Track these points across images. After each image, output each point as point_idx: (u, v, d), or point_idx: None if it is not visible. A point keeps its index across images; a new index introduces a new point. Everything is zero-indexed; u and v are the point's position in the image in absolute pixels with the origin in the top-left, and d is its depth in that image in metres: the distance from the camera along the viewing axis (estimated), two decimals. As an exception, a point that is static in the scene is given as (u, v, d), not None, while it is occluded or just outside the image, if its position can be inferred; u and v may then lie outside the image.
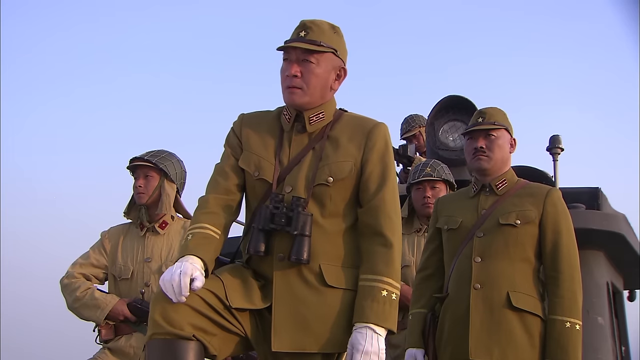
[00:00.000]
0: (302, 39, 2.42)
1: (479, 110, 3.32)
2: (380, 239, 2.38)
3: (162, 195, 3.82)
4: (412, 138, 5.94)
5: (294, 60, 2.41)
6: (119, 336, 3.78)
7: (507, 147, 3.26)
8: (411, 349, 3.23)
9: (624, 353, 5.30)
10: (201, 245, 2.33)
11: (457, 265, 3.18)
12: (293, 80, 2.41)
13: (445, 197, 3.52)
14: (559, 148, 5.23)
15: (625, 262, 5.36)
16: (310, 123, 2.46)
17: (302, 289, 2.36)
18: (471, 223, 3.20)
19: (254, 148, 2.48)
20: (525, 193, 3.21)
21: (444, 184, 4.27)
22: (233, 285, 2.35)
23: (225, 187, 2.46)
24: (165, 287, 2.22)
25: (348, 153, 2.43)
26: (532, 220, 3.13)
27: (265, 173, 2.44)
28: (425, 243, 3.42)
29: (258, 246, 2.37)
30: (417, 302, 3.32)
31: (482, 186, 3.27)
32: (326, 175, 2.40)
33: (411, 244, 4.25)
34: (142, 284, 3.76)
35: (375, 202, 2.40)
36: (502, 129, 3.24)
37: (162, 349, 2.24)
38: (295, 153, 2.45)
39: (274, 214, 2.35)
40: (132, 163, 3.85)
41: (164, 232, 3.84)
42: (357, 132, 2.46)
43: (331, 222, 2.41)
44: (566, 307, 3.06)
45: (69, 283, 3.75)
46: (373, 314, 2.31)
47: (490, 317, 3.05)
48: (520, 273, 3.10)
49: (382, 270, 2.35)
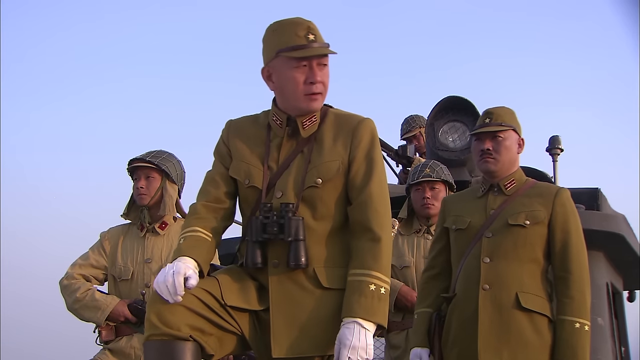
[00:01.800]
0: (320, 44, 2.38)
1: (487, 110, 3.27)
2: (368, 234, 2.35)
3: (165, 197, 3.81)
4: (412, 138, 5.94)
5: (315, 66, 2.37)
6: (119, 337, 3.77)
7: (514, 147, 3.22)
8: (416, 348, 3.21)
9: (624, 354, 5.30)
10: (193, 247, 2.34)
11: (465, 266, 3.16)
12: (318, 86, 2.38)
13: (452, 196, 3.48)
14: (558, 149, 5.24)
15: (624, 262, 5.36)
16: (304, 128, 2.44)
17: (298, 293, 2.36)
18: (480, 223, 3.17)
19: (242, 156, 2.46)
20: (534, 193, 3.18)
21: (443, 185, 4.27)
22: (229, 284, 2.35)
23: (216, 195, 2.46)
24: (160, 288, 2.22)
25: (335, 152, 2.40)
26: (542, 220, 3.11)
27: (256, 180, 2.42)
28: (432, 242, 3.39)
29: (255, 258, 2.37)
30: (423, 301, 3.29)
31: (490, 186, 3.24)
32: (315, 177, 2.38)
33: (411, 244, 4.25)
34: (142, 285, 3.75)
35: (363, 198, 2.37)
36: (509, 130, 3.20)
37: (159, 350, 2.24)
38: (284, 158, 2.43)
39: (265, 224, 2.35)
40: (132, 164, 3.84)
41: (164, 232, 3.83)
42: (342, 130, 2.43)
43: (322, 223, 2.39)
44: (575, 307, 3.04)
45: (68, 284, 3.74)
46: (361, 308, 2.28)
47: (499, 318, 3.03)
48: (528, 273, 3.08)
49: (370, 264, 2.32)
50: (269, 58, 2.41)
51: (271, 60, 2.40)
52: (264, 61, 2.45)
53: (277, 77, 2.40)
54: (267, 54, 2.43)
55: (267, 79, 2.44)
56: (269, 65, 2.42)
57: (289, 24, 2.40)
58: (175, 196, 3.87)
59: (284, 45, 2.36)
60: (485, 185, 3.25)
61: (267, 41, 2.43)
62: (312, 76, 2.36)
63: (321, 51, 2.36)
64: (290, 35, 2.37)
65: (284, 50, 2.36)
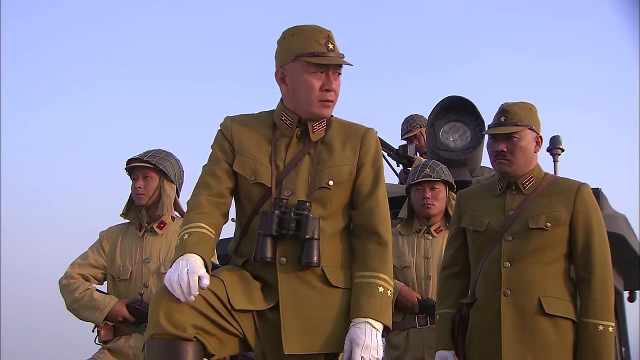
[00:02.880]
0: (337, 54, 2.44)
1: (503, 107, 3.11)
2: (376, 238, 2.44)
3: (163, 196, 3.80)
4: (412, 138, 5.93)
5: (331, 74, 2.43)
6: (118, 337, 3.76)
7: (531, 147, 3.08)
8: (442, 351, 3.14)
9: (624, 354, 5.30)
10: (200, 243, 2.33)
11: (484, 269, 3.06)
12: (332, 94, 2.44)
13: (468, 191, 3.29)
14: (559, 149, 5.23)
15: (625, 263, 5.37)
16: (313, 132, 2.49)
17: (307, 291, 2.39)
18: (498, 225, 3.05)
19: (248, 152, 2.47)
20: (555, 191, 3.07)
21: (444, 185, 4.25)
22: (234, 285, 2.36)
23: (218, 190, 2.45)
24: (172, 287, 2.21)
25: (345, 157, 2.48)
26: (563, 222, 3.00)
27: (263, 177, 2.44)
28: (449, 240, 3.28)
29: (265, 252, 2.37)
30: (444, 301, 3.21)
31: (507, 184, 3.12)
32: (327, 179, 2.43)
33: (411, 245, 4.24)
34: (140, 285, 3.75)
35: (370, 204, 2.47)
36: (525, 129, 3.05)
37: (162, 348, 2.24)
38: (291, 157, 2.46)
39: (281, 219, 2.37)
40: (130, 164, 3.83)
41: (162, 232, 3.82)
42: (350, 137, 2.51)
43: (330, 224, 2.44)
44: (598, 309, 2.97)
45: (67, 283, 3.74)
46: (371, 309, 2.36)
47: (522, 324, 2.96)
48: (551, 277, 3.00)
49: (378, 267, 2.42)
50: (285, 61, 2.45)
51: (288, 63, 2.45)
52: (278, 63, 2.49)
53: (292, 79, 2.45)
54: (283, 56, 2.46)
55: (280, 80, 2.49)
56: (285, 67, 2.46)
57: (310, 30, 2.45)
58: (174, 195, 3.86)
59: (303, 50, 2.41)
60: (502, 184, 3.13)
61: (285, 44, 2.46)
62: (328, 83, 2.43)
63: (341, 61, 2.43)
64: (311, 42, 2.42)
65: (304, 55, 2.41)
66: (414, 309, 4.11)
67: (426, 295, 4.12)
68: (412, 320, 4.16)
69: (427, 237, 4.24)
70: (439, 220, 4.24)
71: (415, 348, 4.12)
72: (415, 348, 4.12)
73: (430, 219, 4.24)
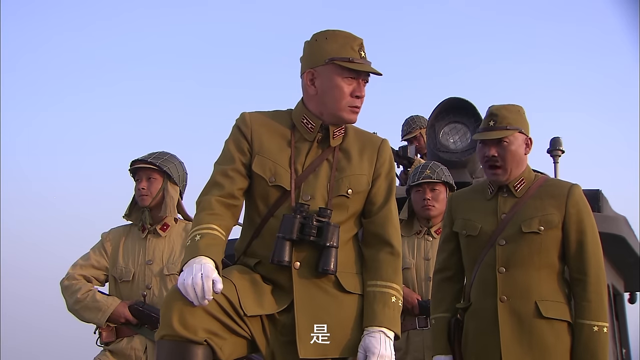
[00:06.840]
0: (369, 62, 2.47)
1: (491, 110, 3.10)
2: (388, 248, 2.49)
3: (166, 198, 3.80)
4: (412, 139, 5.94)
5: (362, 82, 2.47)
6: (120, 338, 3.77)
7: (521, 149, 3.08)
8: (439, 356, 3.14)
9: (625, 355, 5.31)
10: (212, 246, 2.32)
11: (478, 275, 3.07)
12: (360, 101, 2.47)
13: (459, 194, 3.29)
14: (559, 150, 5.23)
15: (626, 264, 5.38)
16: (334, 137, 2.51)
17: (322, 296, 2.42)
18: (491, 229, 3.06)
19: (268, 153, 2.47)
20: (546, 194, 3.07)
21: (444, 186, 4.26)
22: (245, 289, 2.36)
23: (230, 191, 2.43)
24: (187, 290, 2.20)
25: (363, 167, 2.51)
26: (556, 225, 3.01)
27: (283, 180, 2.44)
28: (441, 243, 3.28)
29: (282, 256, 2.37)
30: (439, 305, 3.21)
31: (499, 187, 3.12)
32: (346, 187, 2.46)
33: (411, 246, 4.24)
34: (143, 287, 3.75)
35: (384, 214, 2.51)
36: (515, 132, 3.05)
37: (172, 350, 2.25)
38: (310, 162, 2.47)
39: (303, 224, 2.37)
40: (134, 165, 3.84)
41: (165, 234, 3.83)
42: (367, 147, 2.55)
43: (345, 232, 2.46)
44: (593, 310, 2.98)
45: (69, 285, 3.74)
46: (386, 318, 2.41)
47: (520, 328, 2.97)
48: (546, 280, 3.01)
49: (391, 277, 2.47)
50: (317, 63, 2.46)
51: (319, 66, 2.45)
52: (307, 64, 2.49)
53: (323, 82, 2.46)
54: (314, 58, 2.47)
55: (309, 81, 2.48)
56: (316, 69, 2.46)
57: (344, 36, 2.47)
58: (177, 197, 3.86)
59: (338, 55, 2.43)
60: (493, 187, 3.14)
61: (318, 46, 2.47)
62: (358, 90, 2.47)
63: (374, 70, 2.47)
64: (345, 47, 2.45)
65: (338, 59, 2.43)
66: (414, 310, 4.12)
67: (426, 297, 4.12)
68: (412, 321, 4.16)
69: (428, 238, 4.25)
70: (440, 222, 4.25)
71: (416, 349, 4.13)
72: (415, 349, 4.13)
73: (430, 220, 4.25)
